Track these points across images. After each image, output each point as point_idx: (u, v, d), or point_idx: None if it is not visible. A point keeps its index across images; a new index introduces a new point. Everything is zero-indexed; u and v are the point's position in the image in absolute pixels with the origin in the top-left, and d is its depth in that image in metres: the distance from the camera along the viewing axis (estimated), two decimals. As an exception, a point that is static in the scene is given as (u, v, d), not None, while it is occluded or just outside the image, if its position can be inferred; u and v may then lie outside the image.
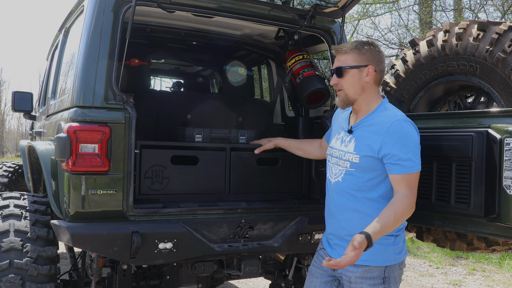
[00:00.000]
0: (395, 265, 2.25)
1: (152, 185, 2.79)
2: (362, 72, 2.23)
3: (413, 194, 2.13)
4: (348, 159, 2.24)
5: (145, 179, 2.77)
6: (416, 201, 2.15)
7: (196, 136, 3.08)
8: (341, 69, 2.24)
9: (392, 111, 2.23)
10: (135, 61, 3.75)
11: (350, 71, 2.23)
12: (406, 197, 2.10)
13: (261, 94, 5.09)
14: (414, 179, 2.13)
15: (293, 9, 3.09)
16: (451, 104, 3.34)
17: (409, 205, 2.11)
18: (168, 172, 2.82)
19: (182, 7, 2.83)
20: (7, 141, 42.58)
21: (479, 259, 6.81)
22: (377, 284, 2.20)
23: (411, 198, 2.11)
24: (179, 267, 3.14)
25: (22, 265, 2.58)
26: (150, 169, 2.78)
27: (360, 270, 2.20)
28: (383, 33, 17.34)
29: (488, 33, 2.84)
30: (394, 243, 2.23)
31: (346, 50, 2.25)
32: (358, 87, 2.24)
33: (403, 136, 2.12)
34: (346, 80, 2.24)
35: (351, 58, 2.23)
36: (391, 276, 2.23)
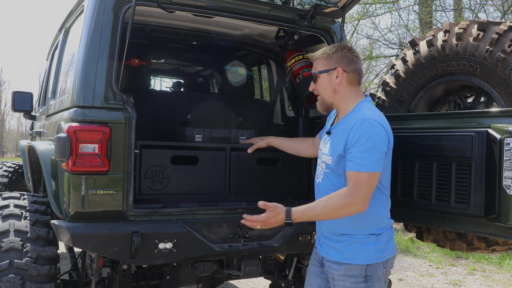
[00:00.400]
0: (379, 264, 2.24)
1: (152, 185, 2.79)
2: (332, 75, 2.30)
3: (359, 194, 2.10)
4: (324, 161, 2.32)
5: (145, 179, 2.76)
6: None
7: (196, 136, 3.07)
8: (313, 75, 2.37)
9: (363, 111, 2.23)
10: (135, 61, 3.75)
11: (321, 75, 2.33)
12: (347, 195, 2.11)
13: (261, 94, 5.08)
14: (365, 179, 2.10)
15: (293, 9, 3.09)
16: (451, 104, 3.34)
17: (346, 202, 2.11)
18: (168, 172, 2.82)
19: (182, 7, 2.83)
20: (7, 141, 42.59)
21: (479, 259, 6.81)
22: (358, 282, 2.21)
23: (353, 198, 2.10)
24: (179, 267, 3.13)
25: (22, 265, 2.58)
26: (150, 169, 2.77)
27: (342, 268, 2.23)
28: (383, 33, 17.37)
29: (488, 33, 2.84)
30: (376, 241, 2.24)
31: (317, 56, 2.37)
32: (330, 90, 2.32)
33: (363, 135, 2.11)
34: (319, 85, 2.35)
35: (320, 63, 2.35)
36: (373, 275, 2.23)
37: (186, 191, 2.92)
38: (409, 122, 2.73)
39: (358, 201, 2.11)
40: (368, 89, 13.08)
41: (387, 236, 2.30)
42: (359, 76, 2.33)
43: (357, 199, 2.10)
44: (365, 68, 14.49)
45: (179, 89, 4.85)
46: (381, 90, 3.55)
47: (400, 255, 7.16)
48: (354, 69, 2.30)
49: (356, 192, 2.10)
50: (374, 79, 14.14)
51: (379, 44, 13.74)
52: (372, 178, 2.11)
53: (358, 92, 2.34)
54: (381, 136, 2.14)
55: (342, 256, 2.23)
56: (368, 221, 2.23)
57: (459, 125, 2.42)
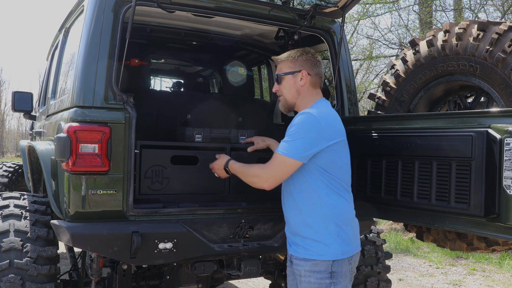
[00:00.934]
0: (344, 260, 2.31)
1: (152, 185, 2.78)
2: (297, 77, 2.45)
3: (267, 171, 2.33)
4: None
5: (145, 179, 2.76)
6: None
7: (196, 136, 3.07)
8: (278, 76, 2.49)
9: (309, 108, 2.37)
10: (135, 61, 3.75)
11: (286, 77, 2.47)
12: (261, 166, 2.39)
13: (261, 94, 5.09)
14: (278, 160, 2.31)
15: (293, 9, 3.09)
16: (451, 104, 3.34)
17: (256, 173, 2.40)
18: (168, 172, 2.82)
19: (182, 7, 2.83)
20: (7, 141, 42.59)
21: (479, 259, 6.81)
22: (324, 278, 2.27)
23: (261, 172, 2.36)
24: (179, 267, 3.13)
25: (22, 265, 2.58)
26: (150, 169, 2.77)
27: (309, 264, 2.30)
28: (383, 33, 17.37)
29: (488, 33, 2.84)
30: (340, 237, 2.30)
31: (282, 59, 2.50)
32: (294, 91, 2.47)
33: (295, 125, 2.31)
34: (284, 86, 2.48)
35: (286, 65, 2.49)
36: (339, 271, 2.29)
37: (186, 191, 2.92)
38: (409, 122, 2.72)
39: (263, 176, 2.36)
40: (368, 89, 13.08)
41: (352, 231, 2.38)
42: (321, 80, 2.50)
43: (264, 174, 2.35)
44: (365, 68, 14.50)
45: (179, 89, 4.85)
46: (381, 90, 3.55)
47: (400, 255, 7.16)
48: (317, 72, 2.47)
49: (266, 169, 2.34)
50: (374, 79, 14.14)
51: (379, 44, 13.75)
52: (286, 162, 2.28)
53: (318, 94, 2.50)
54: (313, 129, 2.27)
55: (308, 252, 2.31)
56: (330, 215, 2.30)
57: (459, 125, 2.42)
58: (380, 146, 2.75)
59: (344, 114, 3.24)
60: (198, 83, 4.88)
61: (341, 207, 2.34)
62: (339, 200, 2.35)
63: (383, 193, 2.75)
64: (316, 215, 2.31)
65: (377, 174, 2.78)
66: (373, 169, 2.81)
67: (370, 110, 3.60)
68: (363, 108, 12.68)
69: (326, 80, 3.72)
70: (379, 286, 3.82)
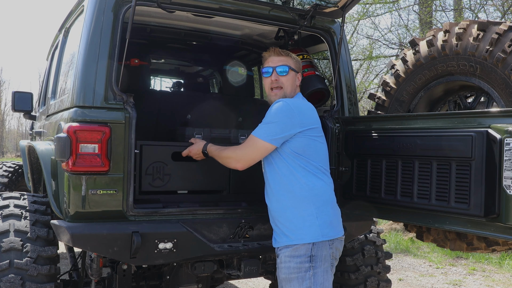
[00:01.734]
0: (324, 243, 2.34)
1: (153, 181, 2.80)
2: (297, 77, 2.63)
3: (240, 151, 2.48)
4: None
5: (146, 176, 2.77)
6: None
7: (196, 136, 3.07)
8: (288, 67, 2.56)
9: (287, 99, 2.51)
10: (135, 61, 3.75)
11: (292, 72, 2.59)
12: (234, 149, 2.52)
13: (261, 94, 5.08)
14: (251, 141, 2.45)
15: (293, 9, 3.08)
16: (451, 104, 3.34)
17: (230, 153, 2.52)
18: (169, 169, 2.82)
19: (182, 7, 2.83)
20: (7, 141, 42.59)
21: (479, 259, 6.81)
22: (303, 262, 2.30)
23: (234, 152, 2.50)
24: (179, 267, 3.13)
25: (22, 265, 2.58)
26: (151, 165, 2.78)
27: (289, 249, 2.35)
28: (383, 33, 17.37)
29: (488, 33, 2.84)
30: (319, 219, 2.35)
31: (288, 54, 2.61)
32: (294, 87, 2.60)
33: (270, 111, 2.45)
34: (288, 79, 2.57)
35: (292, 62, 2.60)
36: (318, 255, 2.32)
37: (187, 187, 2.94)
38: (409, 122, 2.73)
39: (235, 157, 2.49)
40: (368, 89, 13.09)
41: (332, 214, 2.43)
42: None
43: (236, 155, 2.49)
44: (365, 68, 14.50)
45: (179, 89, 4.85)
46: (381, 90, 3.55)
47: (400, 255, 7.16)
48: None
49: (239, 150, 2.49)
50: (374, 79, 14.14)
51: (379, 44, 13.75)
52: (257, 144, 2.42)
53: (298, 90, 2.66)
54: (285, 116, 2.38)
55: (289, 239, 2.36)
56: (308, 196, 2.36)
57: (459, 125, 2.42)
58: (380, 146, 2.75)
59: (344, 114, 3.24)
60: (198, 83, 4.88)
61: (319, 189, 2.41)
62: (317, 181, 2.41)
63: (383, 193, 2.75)
64: (294, 197, 2.37)
65: (377, 174, 2.78)
66: (373, 169, 2.81)
67: (370, 110, 3.60)
68: (363, 108, 12.68)
69: (326, 80, 3.72)
70: (379, 286, 3.81)
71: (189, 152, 2.75)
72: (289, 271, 2.33)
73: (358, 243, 3.75)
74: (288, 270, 2.34)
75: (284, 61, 2.57)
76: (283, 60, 2.58)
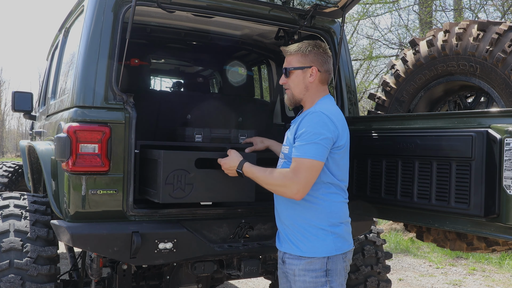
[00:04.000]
0: (338, 257, 2.27)
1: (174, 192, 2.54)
2: (306, 73, 2.36)
3: (296, 178, 2.17)
4: (283, 151, 2.41)
5: (166, 186, 2.50)
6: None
7: (196, 136, 3.07)
8: (287, 70, 2.39)
9: (317, 105, 2.32)
10: (135, 61, 3.74)
11: (295, 72, 2.38)
12: (287, 174, 2.21)
13: (261, 94, 5.09)
14: (305, 166, 2.17)
15: (293, 9, 3.08)
16: (451, 104, 3.34)
17: (283, 182, 2.21)
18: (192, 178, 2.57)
19: (182, 7, 2.83)
20: (7, 141, 42.59)
21: (479, 259, 6.81)
22: (319, 276, 2.23)
23: (290, 182, 2.18)
24: (179, 267, 3.13)
25: (22, 265, 2.58)
26: (172, 174, 2.52)
27: (303, 262, 2.25)
28: (383, 33, 17.37)
29: (488, 33, 2.84)
30: (334, 233, 2.27)
31: (291, 51, 2.40)
32: (302, 87, 2.38)
33: (310, 125, 2.21)
34: (292, 80, 2.39)
35: (296, 59, 2.38)
36: (334, 269, 2.25)
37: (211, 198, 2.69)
38: (409, 122, 2.73)
39: (293, 187, 2.18)
40: (368, 89, 13.09)
41: (345, 230, 2.35)
42: (330, 76, 2.44)
43: (293, 185, 2.18)
44: (365, 68, 14.50)
45: (179, 89, 4.85)
46: (381, 90, 3.55)
47: (400, 255, 7.16)
48: (327, 69, 2.39)
49: (294, 178, 2.18)
50: (374, 79, 14.14)
51: (379, 44, 13.75)
52: (313, 166, 2.18)
53: (325, 90, 2.44)
54: (327, 129, 2.20)
55: (302, 250, 2.26)
56: (326, 214, 2.27)
57: (459, 125, 2.42)
58: (380, 146, 2.75)
59: (344, 114, 3.24)
60: (198, 83, 4.88)
61: (337, 205, 2.32)
62: (336, 198, 2.32)
63: (383, 193, 2.75)
64: (310, 209, 2.27)
65: (377, 174, 2.78)
66: (373, 169, 2.81)
67: (370, 110, 3.60)
68: (363, 108, 12.68)
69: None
70: (379, 286, 3.82)
71: (221, 164, 2.51)
72: (305, 285, 2.24)
73: (358, 243, 3.75)
74: (303, 284, 2.25)
75: (287, 62, 2.42)
76: (287, 61, 2.42)
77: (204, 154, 2.61)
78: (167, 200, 2.49)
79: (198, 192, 2.58)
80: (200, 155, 2.59)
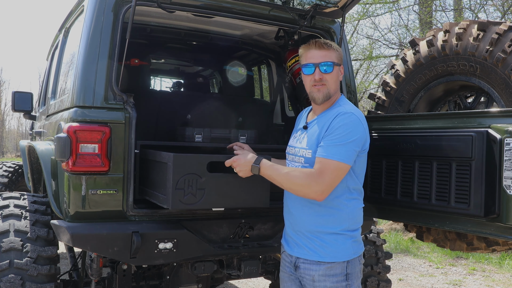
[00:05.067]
0: (355, 260, 2.25)
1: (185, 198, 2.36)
2: (340, 70, 2.32)
3: (322, 179, 2.07)
4: (302, 155, 2.27)
5: (177, 191, 2.32)
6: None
7: (196, 136, 3.07)
8: (332, 63, 2.24)
9: (344, 106, 2.24)
10: (135, 61, 3.75)
11: (336, 67, 2.27)
12: (311, 174, 2.09)
13: (261, 94, 5.09)
14: (330, 167, 2.08)
15: (293, 9, 3.08)
16: (451, 104, 3.34)
17: (306, 183, 2.09)
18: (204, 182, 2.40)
19: (182, 7, 2.83)
20: (7, 141, 42.58)
21: (479, 259, 6.81)
22: (340, 281, 2.19)
23: (314, 182, 2.08)
24: (179, 267, 3.14)
25: (22, 265, 2.58)
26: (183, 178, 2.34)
27: (323, 268, 2.19)
28: (383, 33, 17.36)
29: (488, 33, 2.84)
30: (352, 237, 2.24)
31: (331, 46, 2.28)
32: (338, 83, 2.31)
33: (343, 126, 2.12)
34: (332, 76, 2.26)
35: (335, 55, 2.27)
36: (353, 272, 2.22)
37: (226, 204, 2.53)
38: (409, 122, 2.73)
39: (317, 188, 2.09)
40: (368, 89, 13.09)
41: (360, 231, 2.32)
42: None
43: (317, 186, 2.08)
44: (365, 68, 14.50)
45: (179, 89, 4.86)
46: (381, 90, 3.55)
47: (400, 255, 7.16)
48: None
49: (318, 179, 2.08)
50: (374, 79, 14.14)
51: (379, 44, 13.75)
52: (340, 169, 2.09)
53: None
54: (359, 133, 2.15)
55: (321, 255, 2.20)
56: (347, 221, 2.23)
57: (459, 125, 2.42)
58: (380, 146, 2.75)
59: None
60: (198, 83, 4.89)
61: (358, 213, 2.28)
62: (357, 204, 2.27)
63: (383, 193, 2.75)
64: (331, 213, 2.20)
65: (377, 174, 2.78)
66: (373, 169, 2.81)
67: (370, 110, 3.60)
68: (363, 108, 12.68)
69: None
70: (379, 286, 3.82)
71: (232, 163, 2.30)
72: None
73: (358, 243, 3.75)
74: None
75: (327, 56, 2.24)
76: (326, 55, 2.24)
77: (217, 157, 2.43)
78: (177, 206, 2.33)
79: (210, 198, 2.38)
80: (212, 158, 2.40)
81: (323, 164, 2.09)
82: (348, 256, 2.21)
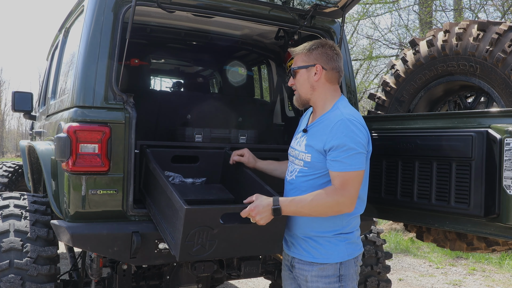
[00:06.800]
0: (350, 261, 2.23)
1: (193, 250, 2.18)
2: (310, 72, 2.27)
3: (347, 192, 2.09)
4: (302, 158, 2.27)
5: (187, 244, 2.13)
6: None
7: (196, 136, 3.07)
8: (292, 70, 2.32)
9: (341, 110, 2.22)
10: (135, 61, 3.75)
11: (299, 71, 2.29)
12: (334, 191, 2.10)
13: (261, 94, 5.09)
14: (351, 178, 2.10)
15: (293, 9, 3.08)
16: (451, 104, 3.34)
17: (334, 201, 2.10)
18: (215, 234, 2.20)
19: (182, 7, 2.83)
20: (7, 141, 42.60)
21: (479, 259, 6.81)
22: (332, 282, 2.19)
23: (341, 197, 2.09)
24: (179, 267, 3.13)
25: (22, 265, 2.58)
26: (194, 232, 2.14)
27: (316, 269, 2.20)
28: (383, 33, 17.36)
29: (488, 33, 2.85)
30: (346, 239, 2.23)
31: (297, 51, 2.32)
32: (308, 86, 2.29)
33: (346, 135, 2.11)
34: (298, 80, 2.31)
35: (300, 59, 2.31)
36: (346, 274, 2.21)
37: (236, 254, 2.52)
38: (409, 122, 2.73)
39: (346, 201, 2.10)
40: (368, 89, 13.09)
41: (356, 235, 2.30)
42: (339, 75, 2.30)
43: (345, 199, 2.10)
44: (365, 68, 14.50)
45: (179, 89, 4.86)
46: (381, 90, 3.55)
47: (400, 255, 7.16)
48: (334, 67, 2.27)
49: (343, 192, 2.09)
50: (374, 79, 14.15)
51: (379, 44, 13.76)
52: (358, 176, 2.13)
53: (337, 91, 2.32)
54: (362, 136, 2.15)
55: (314, 256, 2.22)
56: (340, 224, 2.21)
57: (459, 125, 2.42)
58: (380, 146, 2.75)
59: (344, 114, 3.24)
60: (198, 83, 4.89)
61: (353, 219, 2.27)
62: (355, 213, 2.25)
63: (383, 193, 2.75)
64: (329, 222, 2.20)
65: (377, 174, 2.78)
66: (373, 169, 2.80)
67: (370, 110, 3.60)
68: (363, 108, 12.68)
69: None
70: (379, 286, 3.82)
71: (250, 213, 2.13)
72: None
73: (358, 243, 3.75)
74: None
75: (294, 63, 2.34)
76: (294, 62, 2.35)
77: (233, 208, 2.25)
78: (185, 258, 2.20)
79: (221, 249, 2.22)
80: (227, 210, 2.21)
81: (342, 177, 2.11)
82: (341, 258, 2.21)
